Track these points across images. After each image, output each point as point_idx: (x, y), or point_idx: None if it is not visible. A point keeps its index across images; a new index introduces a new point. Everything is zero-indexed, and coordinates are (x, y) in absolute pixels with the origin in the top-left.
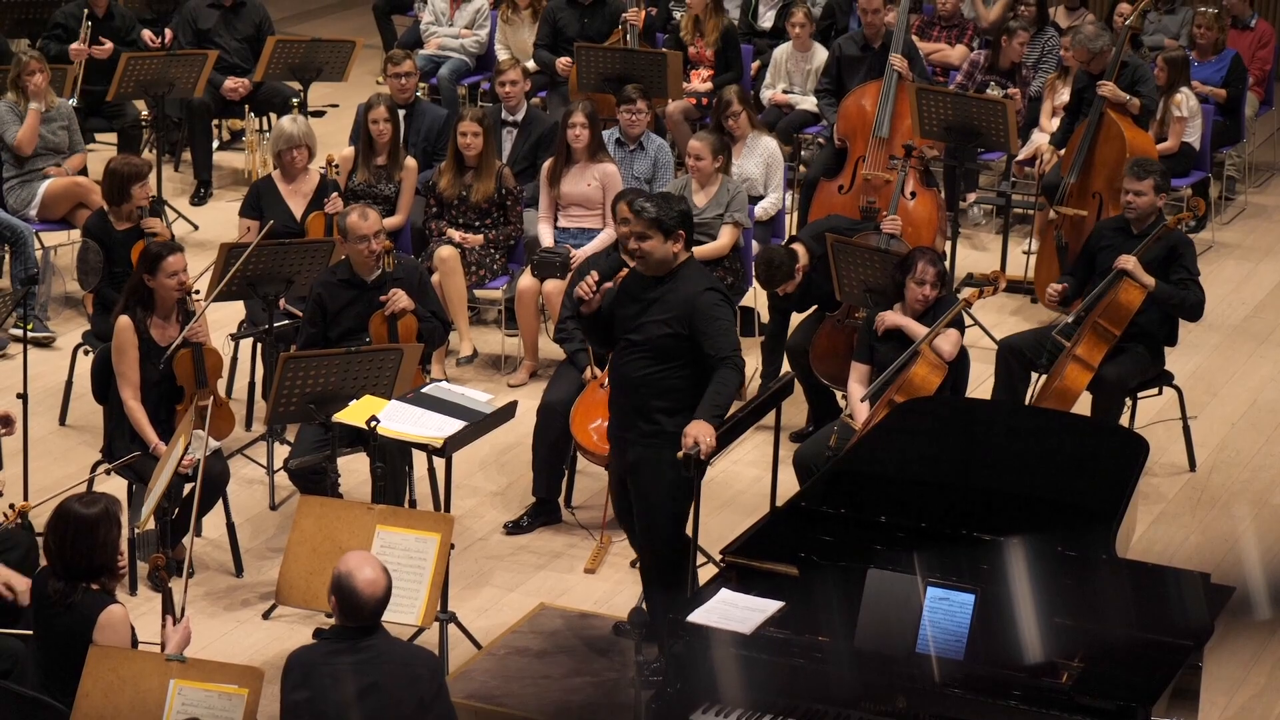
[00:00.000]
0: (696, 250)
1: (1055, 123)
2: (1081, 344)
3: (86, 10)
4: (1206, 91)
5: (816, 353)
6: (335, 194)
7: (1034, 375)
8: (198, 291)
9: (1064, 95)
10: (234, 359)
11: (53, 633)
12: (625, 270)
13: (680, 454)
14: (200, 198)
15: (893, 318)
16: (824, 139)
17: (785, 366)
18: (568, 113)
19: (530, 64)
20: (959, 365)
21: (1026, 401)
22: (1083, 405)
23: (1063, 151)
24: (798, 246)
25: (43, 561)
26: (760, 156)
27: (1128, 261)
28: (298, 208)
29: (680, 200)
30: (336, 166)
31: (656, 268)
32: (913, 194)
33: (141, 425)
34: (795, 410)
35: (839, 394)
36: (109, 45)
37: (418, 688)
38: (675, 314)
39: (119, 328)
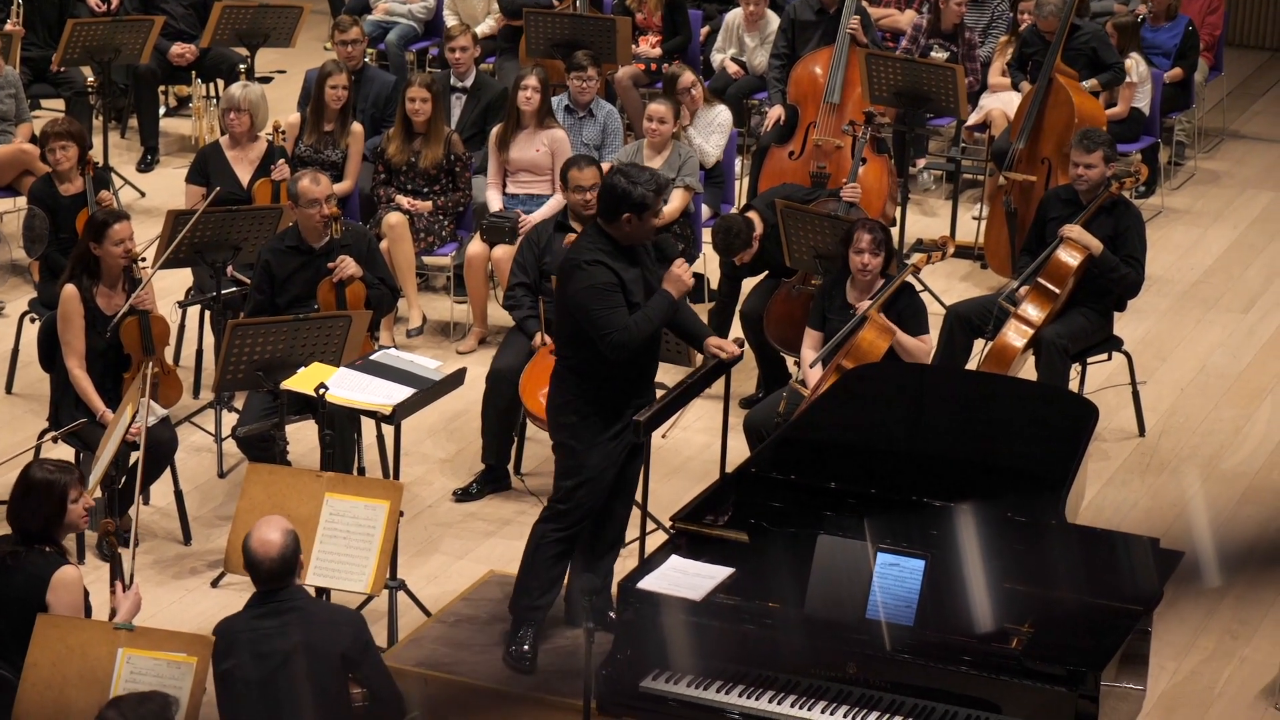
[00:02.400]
0: None
1: (1005, 80)
2: (1024, 304)
3: None
4: (1165, 76)
5: (771, 318)
6: (282, 160)
7: (981, 342)
8: (144, 259)
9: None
10: (181, 326)
11: (6, 595)
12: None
13: (727, 357)
14: (147, 164)
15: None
16: (766, 109)
17: (735, 332)
18: (520, 76)
19: (480, 29)
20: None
21: (970, 368)
22: (1029, 371)
23: (1013, 113)
24: (752, 214)
25: None
26: (712, 126)
27: (1072, 230)
28: (244, 174)
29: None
30: (283, 132)
31: None
32: (863, 160)
33: (87, 394)
34: (745, 376)
35: (790, 360)
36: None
37: (341, 645)
38: None
39: (65, 296)
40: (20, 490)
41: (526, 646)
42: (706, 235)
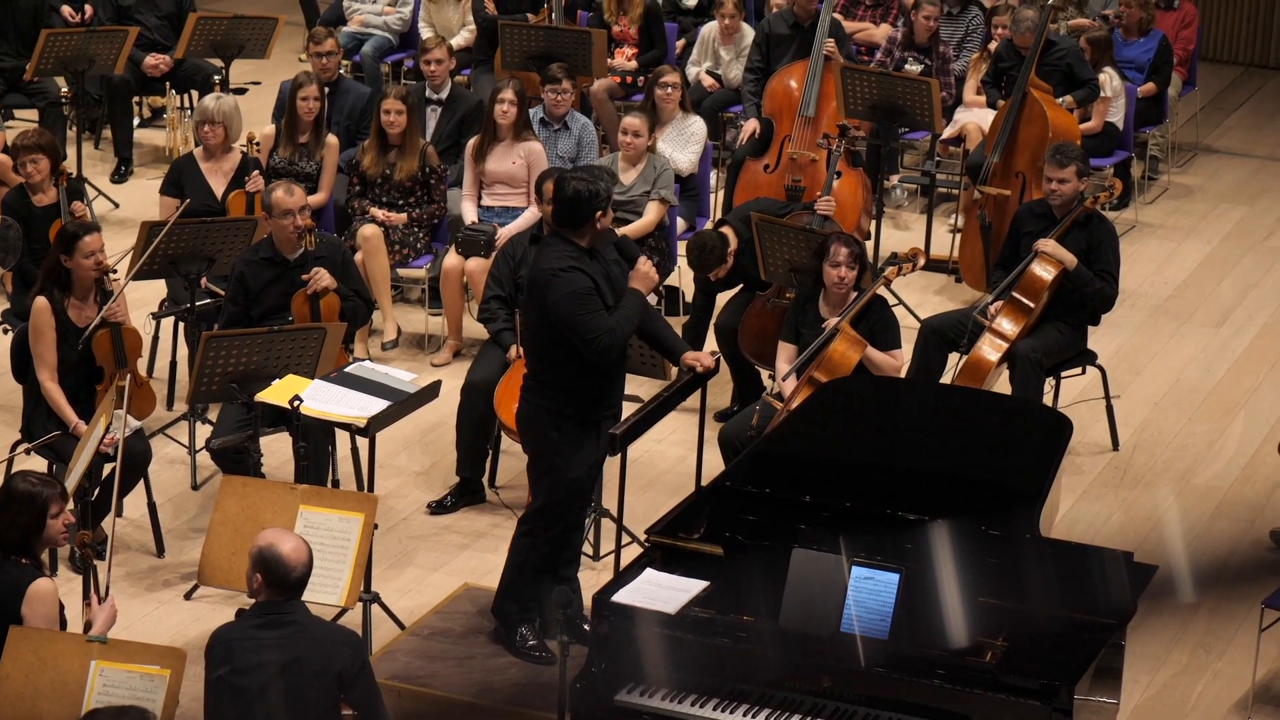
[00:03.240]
0: (623, 229)
1: (981, 99)
2: (998, 318)
3: None
4: (1139, 91)
5: (745, 332)
6: (256, 172)
7: (956, 355)
8: (115, 271)
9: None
10: (155, 338)
11: None
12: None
13: (703, 370)
14: (121, 175)
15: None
16: (741, 122)
17: (710, 345)
18: (497, 89)
19: (455, 41)
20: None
21: (945, 382)
22: (1004, 385)
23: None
24: (727, 230)
25: None
26: (685, 136)
27: (1046, 244)
28: (218, 186)
29: None
30: (257, 144)
31: None
32: (838, 174)
33: (60, 406)
34: (720, 390)
35: (764, 373)
36: None
37: (338, 664)
38: None
39: (36, 309)
40: (0, 501)
41: (532, 640)
42: (681, 248)
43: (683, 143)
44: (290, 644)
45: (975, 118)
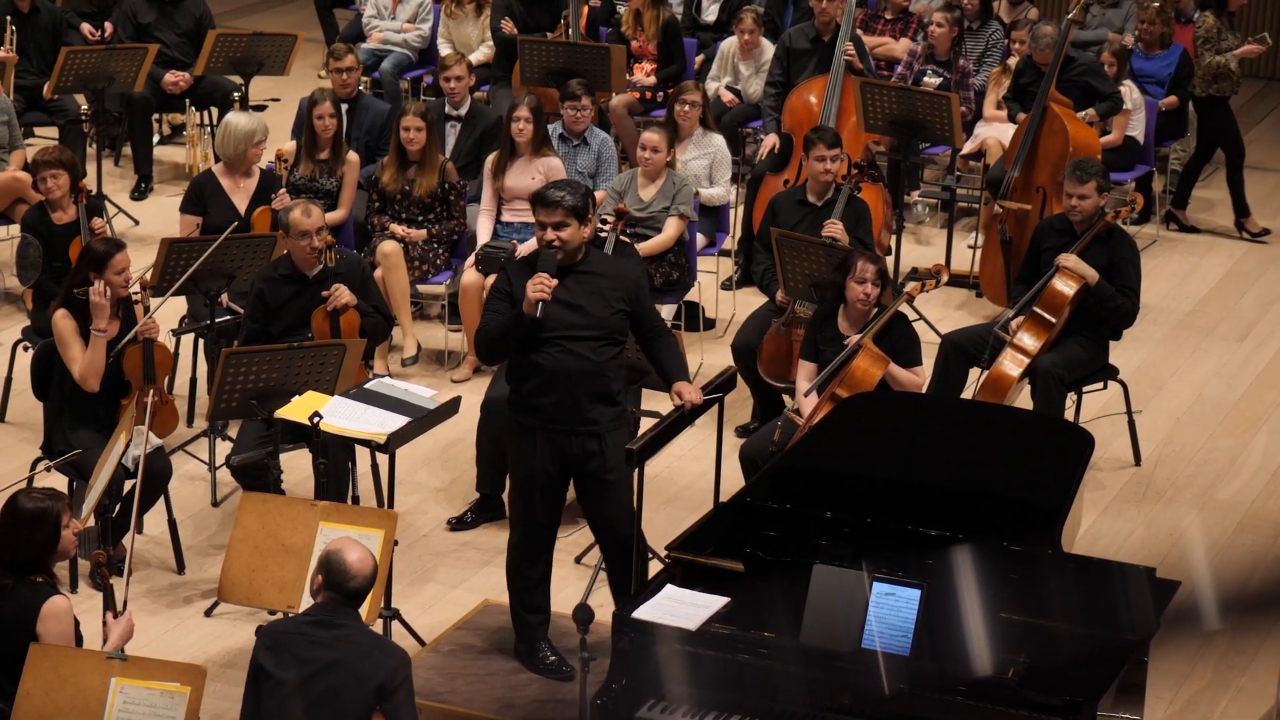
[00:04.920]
0: (643, 245)
1: (1001, 114)
2: (1019, 333)
3: (10, 14)
4: (1160, 104)
5: (764, 358)
6: (283, 190)
7: (977, 371)
8: (144, 290)
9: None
10: (175, 355)
11: None
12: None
13: (683, 406)
14: (141, 193)
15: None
16: (760, 137)
17: (719, 362)
18: (512, 106)
19: (474, 58)
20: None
21: (966, 397)
22: (1025, 401)
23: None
24: None
25: None
26: (707, 153)
27: (1068, 259)
28: (240, 203)
29: (582, 184)
30: (285, 161)
31: (571, 255)
32: (857, 193)
33: (96, 356)
34: (741, 405)
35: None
36: (14, 55)
37: (381, 675)
38: (622, 293)
39: (57, 320)
40: (10, 522)
41: (553, 656)
42: (702, 264)
43: (705, 164)
44: (338, 645)
45: (995, 132)
